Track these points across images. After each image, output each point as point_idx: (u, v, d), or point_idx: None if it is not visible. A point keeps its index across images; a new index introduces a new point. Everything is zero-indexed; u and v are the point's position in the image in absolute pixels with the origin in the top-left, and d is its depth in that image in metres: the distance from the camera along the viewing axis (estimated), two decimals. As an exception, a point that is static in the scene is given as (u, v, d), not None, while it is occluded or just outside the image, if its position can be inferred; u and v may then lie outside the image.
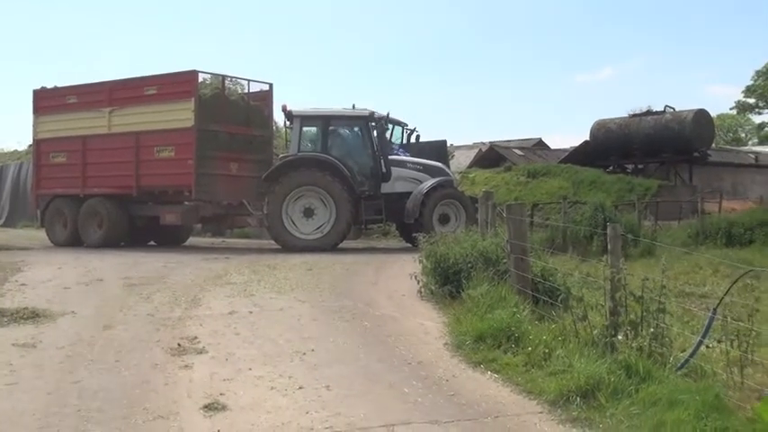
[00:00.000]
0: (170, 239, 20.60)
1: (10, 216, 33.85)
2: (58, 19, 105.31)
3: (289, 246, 17.40)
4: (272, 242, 18.35)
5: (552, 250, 13.76)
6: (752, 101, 76.64)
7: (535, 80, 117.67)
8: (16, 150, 43.66)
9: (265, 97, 20.17)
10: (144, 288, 10.87)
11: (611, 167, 33.29)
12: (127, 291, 10.71)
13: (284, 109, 18.47)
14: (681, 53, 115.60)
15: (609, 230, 6.61)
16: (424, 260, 10.51)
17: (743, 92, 76.83)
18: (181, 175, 18.40)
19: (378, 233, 23.11)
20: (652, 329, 5.95)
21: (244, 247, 20.12)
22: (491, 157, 41.03)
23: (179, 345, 7.43)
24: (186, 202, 19.28)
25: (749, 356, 5.81)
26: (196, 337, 7.75)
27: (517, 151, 43.22)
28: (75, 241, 19.59)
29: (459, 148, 43.79)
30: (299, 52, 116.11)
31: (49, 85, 21.41)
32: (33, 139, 21.46)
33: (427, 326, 8.38)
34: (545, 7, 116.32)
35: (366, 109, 18.61)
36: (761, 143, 65.07)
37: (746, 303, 6.33)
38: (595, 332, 6.42)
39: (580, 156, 35.47)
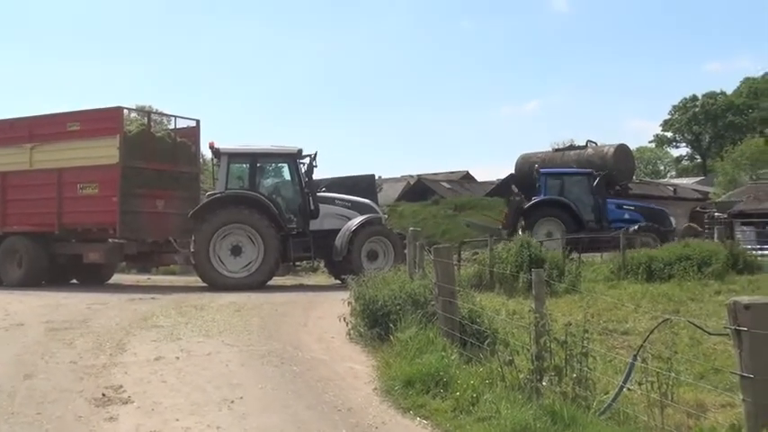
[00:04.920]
0: (93, 278, 20.17)
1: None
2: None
3: (216, 284, 17.22)
4: (199, 280, 18.14)
5: (480, 288, 14.00)
6: (669, 134, 79.53)
7: (461, 112, 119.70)
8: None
9: (192, 133, 20.04)
10: (67, 333, 10.59)
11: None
12: (49, 336, 10.42)
13: (212, 146, 18.39)
14: (602, 89, 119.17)
15: (533, 276, 6.75)
16: (353, 302, 10.52)
17: (660, 126, 79.79)
18: (105, 213, 18.15)
19: (306, 270, 23.05)
20: (575, 374, 6.08)
21: (170, 285, 19.79)
22: (419, 189, 41.48)
23: (103, 395, 7.26)
24: (110, 240, 18.91)
25: (669, 398, 5.99)
26: (121, 386, 7.58)
27: (445, 184, 43.81)
28: (-7, 281, 19.04)
29: (387, 180, 44.14)
30: (226, 89, 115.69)
31: (-33, 120, 20.87)
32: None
33: (357, 370, 8.38)
34: (470, 42, 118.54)
35: (294, 146, 18.62)
36: (678, 176, 67.28)
37: (665, 343, 6.55)
38: (522, 376, 6.52)
39: (506, 189, 36.03)
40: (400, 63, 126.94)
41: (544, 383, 6.18)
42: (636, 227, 22.26)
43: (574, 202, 23.50)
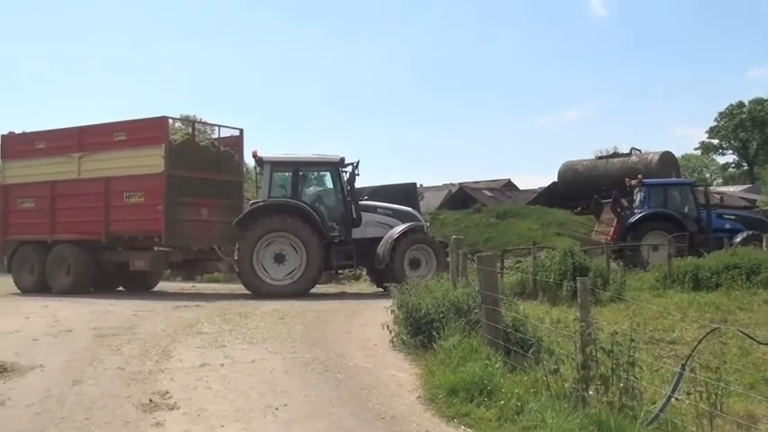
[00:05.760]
0: (139, 285, 20.48)
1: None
2: (27, 64, 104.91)
3: (260, 292, 17.36)
4: (243, 287, 18.28)
5: (523, 296, 13.91)
6: (715, 141, 78.28)
7: (502, 121, 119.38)
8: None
9: (236, 143, 20.23)
10: (114, 339, 10.76)
11: (579, 208, 33.68)
12: (97, 342, 10.59)
13: (255, 155, 18.55)
14: (644, 95, 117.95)
15: (578, 284, 6.69)
16: (396, 309, 10.52)
17: (706, 132, 78.54)
18: (150, 221, 18.37)
19: (349, 277, 23.10)
20: (622, 384, 6.01)
21: (214, 293, 20.01)
22: (461, 197, 41.35)
23: (150, 400, 7.34)
24: (156, 248, 19.17)
25: (718, 408, 5.90)
26: (168, 392, 7.66)
27: (486, 192, 43.60)
28: (42, 288, 19.44)
29: (428, 189, 44.00)
30: (271, 98, 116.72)
31: (18, 131, 21.35)
32: (0, 185, 21.17)
33: (400, 378, 8.37)
34: (509, 50, 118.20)
35: (336, 155, 18.71)
36: (725, 183, 66.12)
37: (714, 352, 6.44)
38: (567, 385, 6.46)
39: (549, 197, 35.88)
40: (441, 72, 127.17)
41: (590, 393, 6.11)
42: (743, 236, 21.78)
43: (677, 213, 23.03)
